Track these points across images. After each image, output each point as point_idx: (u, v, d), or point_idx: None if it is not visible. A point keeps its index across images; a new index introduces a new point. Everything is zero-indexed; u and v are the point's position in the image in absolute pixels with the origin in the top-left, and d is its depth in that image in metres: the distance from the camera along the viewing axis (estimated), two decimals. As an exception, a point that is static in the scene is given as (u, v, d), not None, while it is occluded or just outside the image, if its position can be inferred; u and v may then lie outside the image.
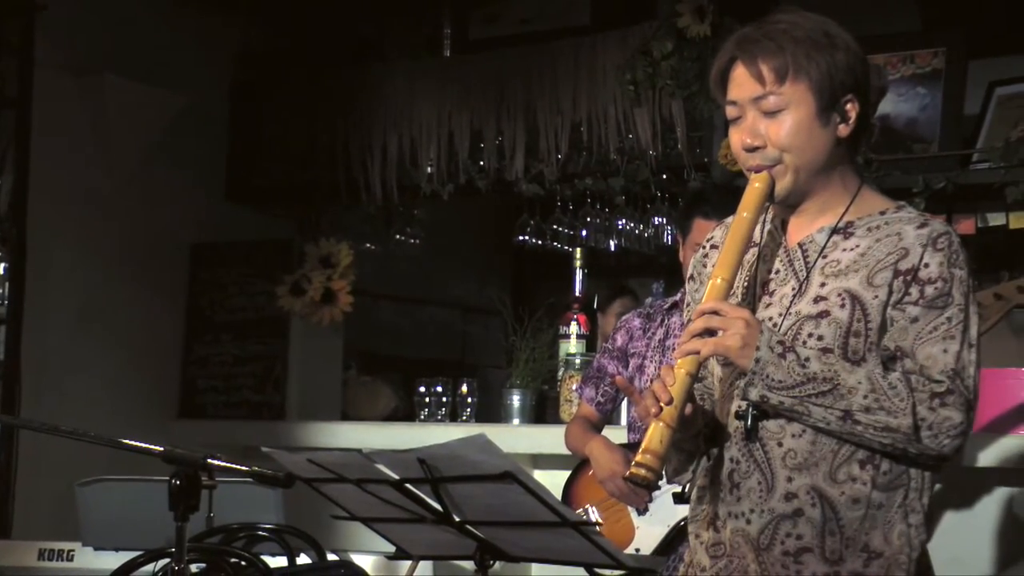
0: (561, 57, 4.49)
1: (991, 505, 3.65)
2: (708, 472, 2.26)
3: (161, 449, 2.24)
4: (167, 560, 2.82)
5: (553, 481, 3.29)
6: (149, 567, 2.93)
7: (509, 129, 4.56)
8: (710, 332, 2.11)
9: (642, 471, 2.05)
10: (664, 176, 4.39)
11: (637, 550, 3.31)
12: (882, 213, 2.23)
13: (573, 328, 4.44)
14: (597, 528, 2.98)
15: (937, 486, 2.44)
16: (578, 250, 4.59)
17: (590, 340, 4.43)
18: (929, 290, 2.13)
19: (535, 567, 4.19)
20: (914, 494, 2.16)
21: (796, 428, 2.15)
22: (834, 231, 2.21)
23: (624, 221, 4.73)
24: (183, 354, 5.01)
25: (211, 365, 4.97)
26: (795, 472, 2.14)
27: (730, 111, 2.23)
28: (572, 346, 4.43)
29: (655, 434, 2.07)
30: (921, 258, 2.14)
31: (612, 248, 4.87)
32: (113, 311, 4.72)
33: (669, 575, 3.30)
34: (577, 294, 4.52)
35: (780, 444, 2.16)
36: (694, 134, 4.26)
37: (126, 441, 2.31)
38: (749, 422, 2.15)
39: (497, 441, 2.12)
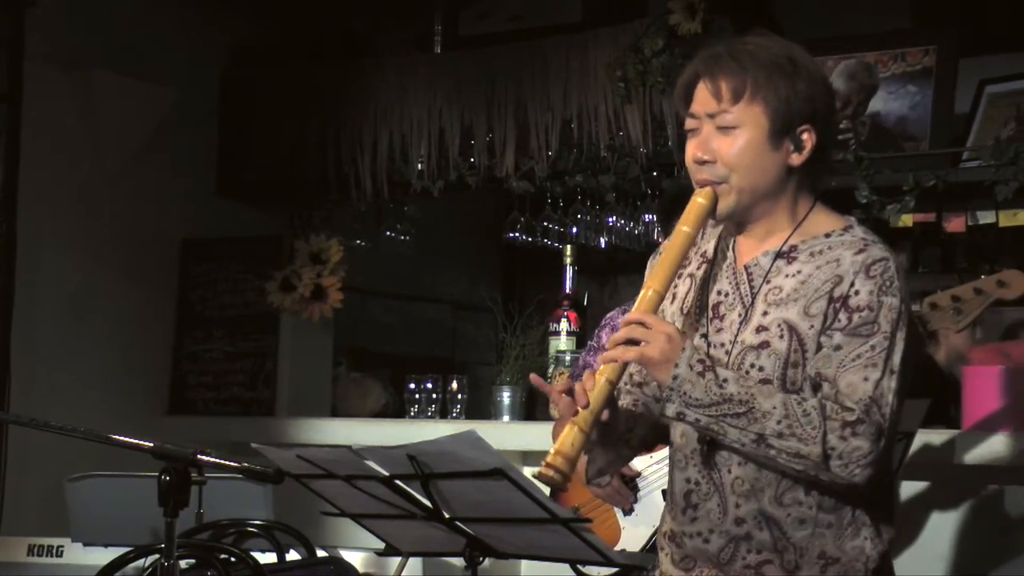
0: (552, 54, 4.49)
1: (979, 503, 3.65)
2: (673, 491, 2.29)
3: (151, 445, 2.24)
4: (156, 556, 2.81)
5: (543, 478, 3.28)
6: (138, 563, 2.93)
7: (500, 126, 4.56)
8: (634, 343, 2.14)
9: (550, 472, 2.11)
10: (655, 173, 4.39)
11: (623, 550, 3.32)
12: (827, 235, 2.24)
13: (563, 325, 4.44)
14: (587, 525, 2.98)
15: (926, 484, 2.45)
16: (568, 247, 4.59)
17: (580, 337, 4.43)
18: (856, 317, 2.15)
19: (524, 564, 4.19)
20: (860, 510, 2.19)
21: (741, 456, 2.18)
22: (778, 255, 2.24)
23: (614, 218, 4.73)
24: (173, 350, 5.00)
25: (201, 361, 4.96)
26: (742, 499, 2.19)
27: (688, 123, 2.28)
28: (562, 343, 4.43)
29: (568, 436, 2.12)
30: (851, 285, 2.16)
31: (602, 245, 4.87)
32: (103, 306, 4.71)
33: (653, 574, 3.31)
34: (567, 291, 4.52)
35: (730, 471, 2.20)
36: (685, 131, 4.25)
37: (116, 437, 2.31)
38: (705, 447, 2.20)
39: (487, 438, 2.12)
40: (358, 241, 5.19)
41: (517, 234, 4.84)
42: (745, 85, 2.18)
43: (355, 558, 3.33)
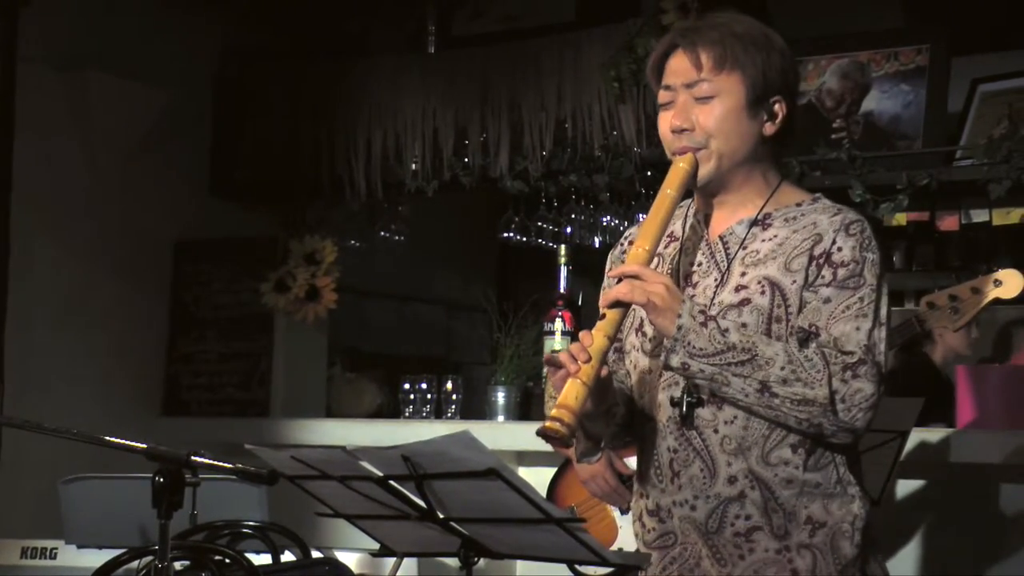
0: (545, 54, 4.48)
1: (973, 501, 3.66)
2: (641, 466, 2.31)
3: (144, 446, 2.24)
4: (150, 558, 2.81)
5: (538, 478, 3.29)
6: (132, 565, 2.92)
7: (493, 126, 4.55)
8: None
9: (556, 424, 2.08)
10: (648, 173, 4.38)
11: (620, 549, 3.32)
12: (798, 205, 2.30)
13: (558, 325, 4.44)
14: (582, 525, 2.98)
15: (921, 482, 2.45)
16: (563, 247, 4.59)
17: (574, 337, 4.41)
18: (841, 272, 2.19)
19: (520, 564, 4.19)
20: (843, 468, 2.22)
21: (727, 415, 2.20)
22: (753, 223, 2.28)
23: (608, 218, 4.73)
24: (167, 351, 4.99)
25: (195, 362, 4.95)
26: (732, 456, 2.20)
27: (663, 95, 2.30)
28: (557, 343, 4.43)
29: (571, 390, 2.11)
30: (833, 242, 2.21)
31: (597, 245, 4.88)
32: (97, 308, 4.70)
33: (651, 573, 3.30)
34: (562, 291, 4.51)
35: (716, 431, 2.21)
36: (678, 131, 4.25)
37: (109, 438, 2.31)
38: (684, 409, 2.21)
39: (482, 438, 2.12)
40: (352, 241, 5.19)
41: (511, 234, 4.84)
42: (725, 55, 2.23)
43: (350, 559, 3.33)
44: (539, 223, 4.80)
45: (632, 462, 3.27)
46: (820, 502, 2.19)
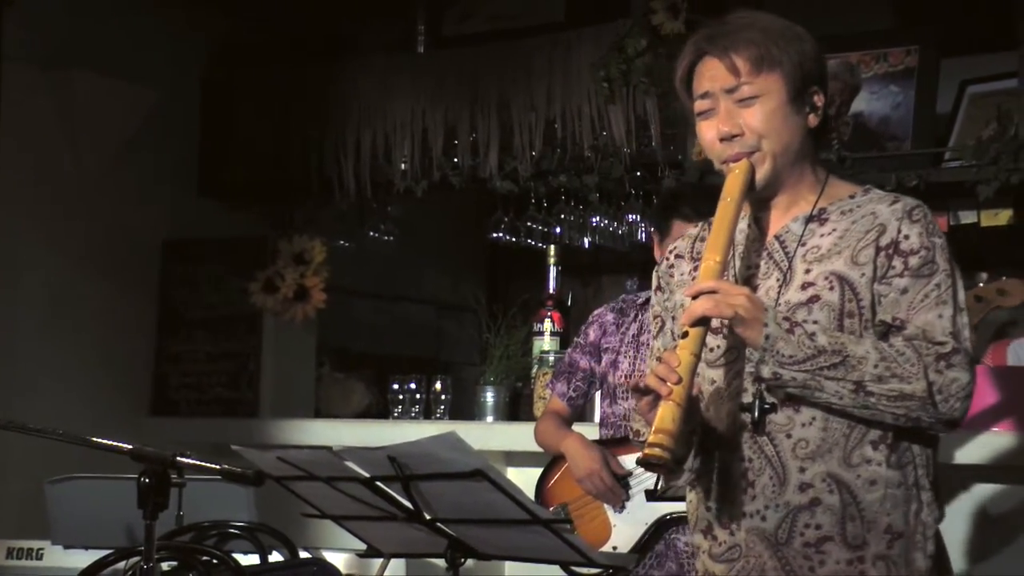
0: (535, 54, 4.48)
1: (966, 501, 3.66)
2: (707, 479, 2.23)
3: (129, 447, 2.23)
4: (137, 559, 2.80)
5: (526, 478, 3.28)
6: (119, 565, 2.91)
7: (483, 126, 4.55)
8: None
9: (657, 450, 2.01)
10: (638, 173, 4.38)
11: (614, 548, 3.30)
12: (851, 197, 2.25)
13: (547, 325, 4.45)
14: (569, 526, 2.97)
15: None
16: (552, 247, 4.59)
17: (564, 337, 4.43)
18: (913, 260, 2.14)
19: (508, 565, 4.19)
20: (922, 470, 2.17)
21: (805, 417, 2.14)
22: (809, 219, 2.23)
23: (598, 218, 4.73)
24: (155, 351, 4.98)
25: (184, 362, 4.94)
26: (807, 461, 2.13)
27: (700, 104, 2.23)
28: (546, 343, 4.43)
29: (666, 413, 2.03)
30: (899, 231, 2.16)
31: (586, 245, 4.88)
32: (85, 308, 4.68)
33: (645, 573, 3.29)
34: (551, 291, 4.52)
35: (789, 436, 2.14)
36: (668, 131, 4.26)
37: (94, 439, 2.30)
38: (756, 414, 2.14)
39: (470, 438, 2.11)
40: (341, 241, 5.19)
41: (501, 234, 4.84)
42: (760, 55, 2.18)
43: (337, 559, 3.32)
44: (528, 223, 4.79)
45: (627, 462, 3.26)
46: (900, 510, 2.13)
